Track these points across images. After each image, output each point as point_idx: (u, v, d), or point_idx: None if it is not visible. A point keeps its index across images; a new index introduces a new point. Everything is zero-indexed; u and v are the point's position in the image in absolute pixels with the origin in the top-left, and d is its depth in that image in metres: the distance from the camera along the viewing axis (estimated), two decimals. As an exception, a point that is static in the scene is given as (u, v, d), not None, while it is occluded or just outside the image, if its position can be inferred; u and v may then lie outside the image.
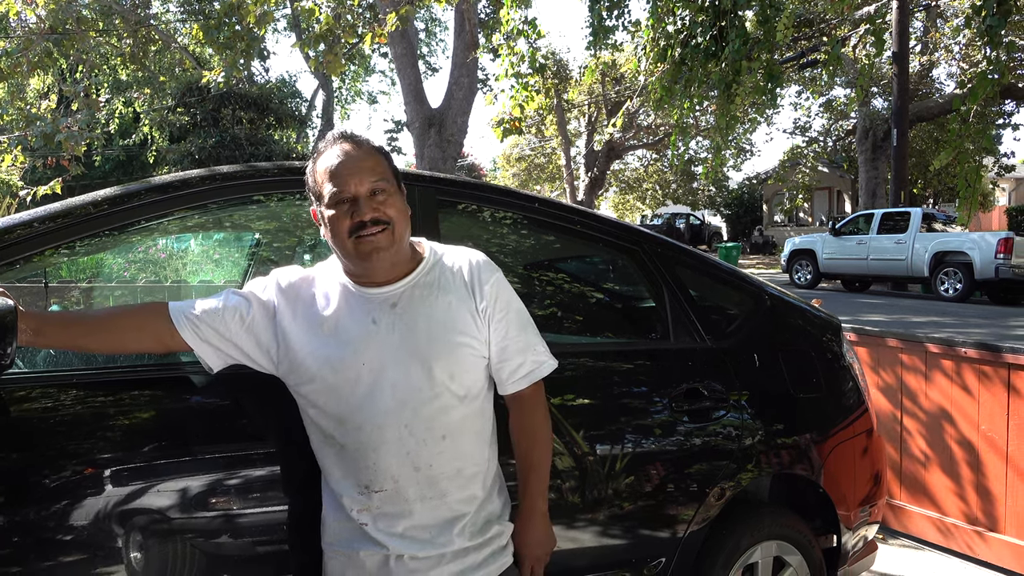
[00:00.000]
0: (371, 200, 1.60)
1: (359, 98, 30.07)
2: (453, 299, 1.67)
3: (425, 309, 1.65)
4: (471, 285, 1.69)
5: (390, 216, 1.61)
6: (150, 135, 19.32)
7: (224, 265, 3.96)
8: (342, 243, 1.61)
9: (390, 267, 1.65)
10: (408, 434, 1.61)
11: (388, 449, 1.61)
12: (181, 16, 18.69)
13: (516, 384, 1.74)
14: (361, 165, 1.62)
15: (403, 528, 1.64)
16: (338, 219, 1.60)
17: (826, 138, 31.47)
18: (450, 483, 1.65)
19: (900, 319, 11.29)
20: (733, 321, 2.71)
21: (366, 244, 1.59)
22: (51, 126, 7.50)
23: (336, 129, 1.74)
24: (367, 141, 1.69)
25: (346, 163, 1.62)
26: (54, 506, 1.62)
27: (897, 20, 17.01)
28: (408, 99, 14.76)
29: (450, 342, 1.65)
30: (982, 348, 3.85)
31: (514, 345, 1.72)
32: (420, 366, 1.62)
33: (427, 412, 1.62)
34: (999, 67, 5.75)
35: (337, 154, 1.64)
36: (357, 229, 1.59)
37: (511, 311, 1.73)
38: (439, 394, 1.63)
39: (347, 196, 1.60)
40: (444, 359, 1.63)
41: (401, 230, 1.64)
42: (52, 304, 2.72)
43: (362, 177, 1.61)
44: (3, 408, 1.65)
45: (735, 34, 6.61)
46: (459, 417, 1.66)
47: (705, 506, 2.37)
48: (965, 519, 3.90)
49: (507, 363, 1.72)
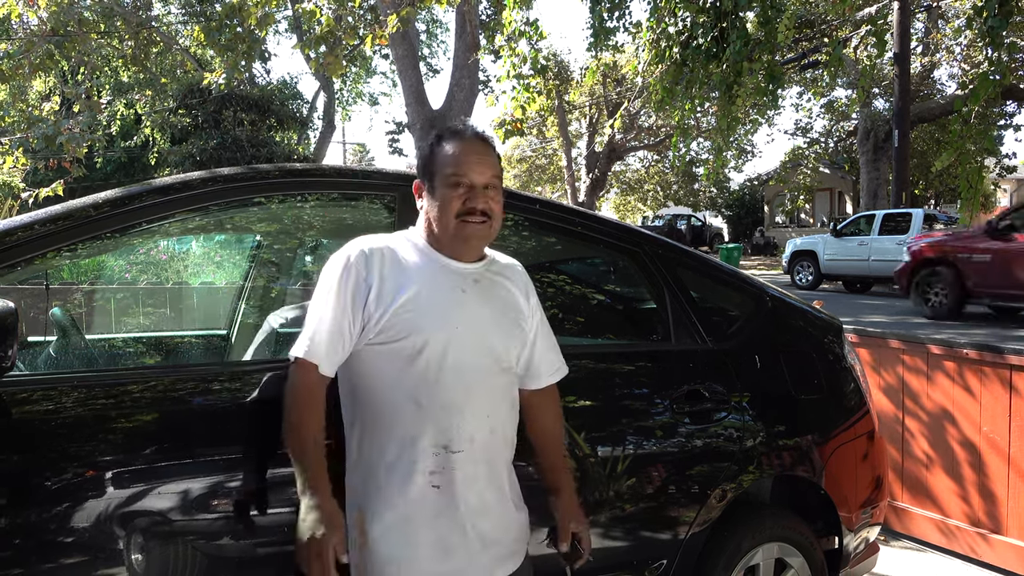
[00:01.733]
0: (485, 192, 1.75)
1: (360, 99, 30.02)
2: (518, 293, 1.88)
3: (498, 291, 1.84)
4: (523, 287, 1.91)
5: (494, 211, 1.77)
6: (152, 137, 19.33)
7: (225, 267, 3.97)
8: (447, 220, 1.74)
9: (478, 251, 1.83)
10: (489, 398, 1.76)
11: (473, 410, 1.73)
12: (182, 18, 18.70)
13: (552, 377, 1.95)
14: (486, 159, 1.78)
15: (475, 494, 1.72)
16: (452, 199, 1.74)
17: (827, 139, 31.44)
18: (504, 450, 1.81)
19: (901, 320, 11.27)
20: (734, 323, 2.70)
21: (468, 229, 1.74)
22: (53, 128, 7.50)
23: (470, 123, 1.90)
24: (492, 140, 1.86)
25: (475, 153, 1.77)
26: (55, 508, 1.62)
27: (898, 21, 17.00)
28: (409, 100, 14.76)
29: (517, 322, 1.84)
30: (984, 349, 3.84)
31: (548, 343, 1.95)
32: (498, 337, 1.79)
33: (503, 380, 1.80)
34: (1000, 68, 5.75)
35: (469, 142, 1.79)
36: (466, 213, 1.73)
37: (544, 319, 1.96)
38: (508, 367, 1.82)
39: (467, 182, 1.74)
40: (512, 336, 1.83)
41: (497, 225, 1.80)
42: (54, 306, 2.72)
43: (485, 169, 1.76)
44: (4, 410, 1.65)
45: (736, 35, 6.61)
46: (514, 391, 1.86)
47: (706, 508, 2.37)
48: (967, 521, 3.89)
49: (545, 357, 1.93)
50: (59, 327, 2.59)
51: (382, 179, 2.29)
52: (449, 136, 1.81)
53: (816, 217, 34.72)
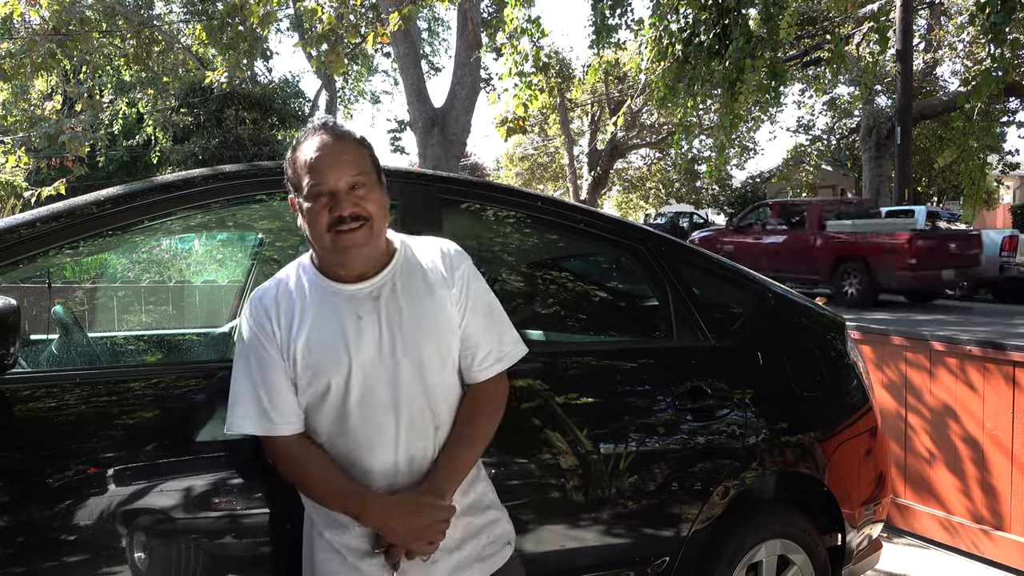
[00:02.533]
0: (350, 195, 1.56)
1: (362, 98, 30.06)
2: (434, 289, 1.66)
3: (408, 299, 1.63)
4: (446, 273, 1.68)
5: (369, 212, 1.57)
6: (154, 136, 19.35)
7: (227, 264, 3.97)
8: (320, 237, 1.57)
9: (366, 262, 1.61)
10: (404, 429, 1.59)
11: (384, 447, 1.59)
12: (184, 17, 18.69)
13: (481, 373, 1.70)
14: (341, 158, 1.58)
15: None
16: (316, 212, 1.56)
17: (830, 136, 31.40)
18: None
19: (904, 317, 11.26)
20: (737, 319, 2.70)
21: (344, 240, 1.55)
22: (55, 127, 7.51)
23: (317, 117, 1.69)
24: (348, 132, 1.64)
25: (326, 155, 1.58)
26: (58, 505, 1.62)
27: (901, 18, 16.96)
28: (411, 99, 14.75)
29: (437, 334, 1.63)
30: (987, 346, 3.84)
31: (483, 333, 1.70)
32: (410, 360, 1.60)
33: (420, 406, 1.61)
34: (1003, 65, 5.73)
35: (317, 145, 1.59)
36: (335, 224, 1.55)
37: (480, 299, 1.72)
38: (432, 385, 1.62)
39: (326, 190, 1.56)
40: (435, 348, 1.63)
41: (380, 226, 1.61)
42: (56, 304, 2.72)
43: (341, 171, 1.57)
44: (7, 407, 1.65)
45: (738, 32, 6.59)
46: (447, 407, 1.66)
47: (709, 505, 2.37)
48: (971, 517, 3.89)
49: (474, 352, 1.69)
50: (61, 325, 2.59)
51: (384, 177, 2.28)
52: (301, 143, 1.63)
53: (818, 214, 34.60)
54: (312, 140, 1.61)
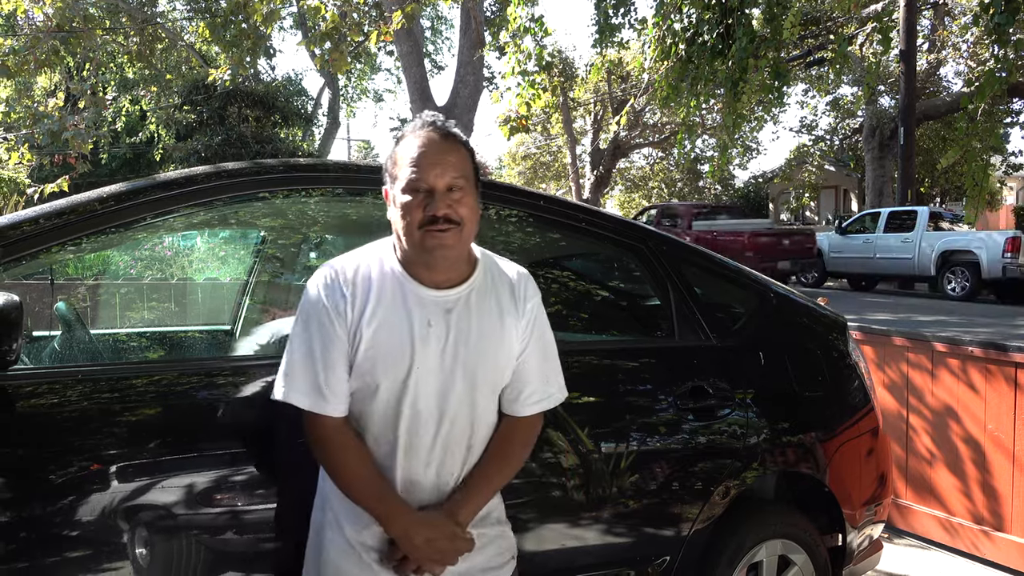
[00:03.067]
0: (447, 196, 1.55)
1: (365, 96, 30.05)
2: (504, 316, 1.66)
3: (478, 321, 1.62)
4: (519, 303, 1.68)
5: (462, 216, 1.56)
6: (156, 133, 19.38)
7: (229, 262, 3.97)
8: (410, 233, 1.56)
9: (450, 267, 1.61)
10: (440, 445, 1.60)
11: (416, 458, 1.60)
12: (187, 14, 18.70)
13: (525, 409, 1.70)
14: (445, 158, 1.57)
15: None
16: (411, 208, 1.55)
17: (833, 137, 31.36)
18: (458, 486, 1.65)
19: (906, 318, 11.25)
20: (738, 319, 2.70)
21: (433, 239, 1.54)
22: (58, 124, 7.52)
23: (427, 113, 1.66)
24: (456, 134, 1.63)
25: (430, 152, 1.57)
26: (60, 502, 1.62)
27: (904, 18, 16.94)
28: (414, 97, 14.75)
29: (497, 360, 1.64)
30: (989, 347, 3.83)
31: (535, 371, 1.71)
32: (466, 378, 1.60)
33: (461, 426, 1.62)
34: (1007, 65, 5.73)
35: (423, 141, 1.58)
36: (428, 223, 1.54)
37: (543, 337, 1.73)
38: (477, 409, 1.63)
39: (424, 187, 1.55)
40: (491, 375, 1.63)
41: (469, 231, 1.60)
42: (58, 301, 2.72)
43: (443, 170, 1.56)
44: (10, 404, 1.65)
45: (742, 32, 6.59)
46: (486, 431, 1.67)
47: (710, 504, 2.37)
48: (971, 518, 3.89)
49: (522, 387, 1.70)
50: (64, 321, 2.59)
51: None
52: (408, 135, 1.62)
53: (821, 215, 34.65)
54: (419, 135, 1.60)
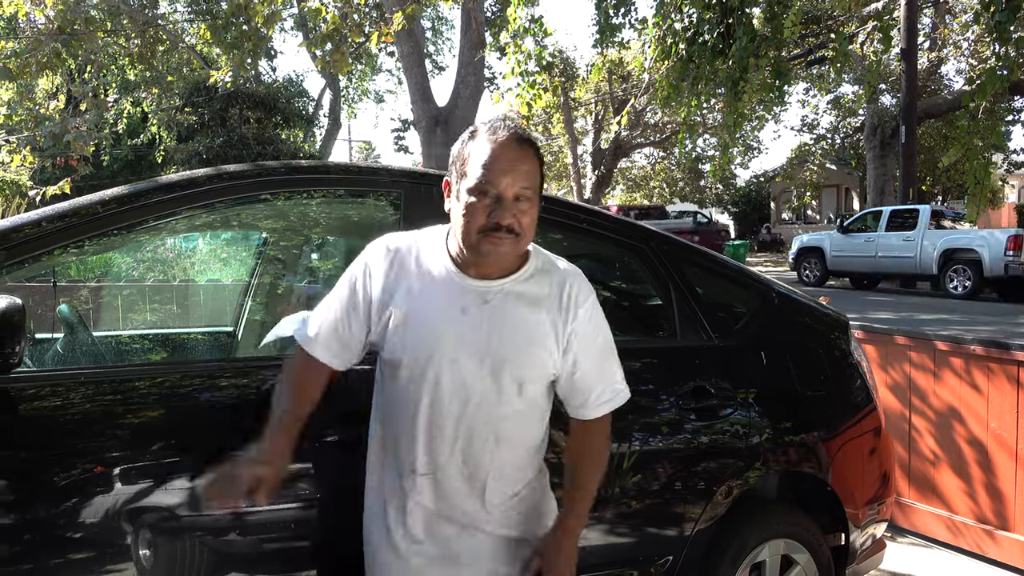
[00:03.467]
0: (514, 205, 1.56)
1: (366, 97, 30.07)
2: (543, 312, 1.64)
3: (514, 315, 1.63)
4: (565, 303, 1.66)
5: (523, 227, 1.58)
6: (158, 135, 19.38)
7: (231, 264, 3.98)
8: (468, 232, 1.57)
9: (499, 269, 1.63)
10: (466, 429, 1.62)
11: (444, 437, 1.62)
12: (189, 16, 18.71)
13: (594, 411, 1.72)
14: (520, 166, 1.57)
15: (430, 520, 1.65)
16: (476, 209, 1.56)
17: (834, 135, 31.37)
18: (492, 486, 1.66)
19: (908, 316, 11.24)
20: (740, 319, 2.70)
21: (490, 244, 1.56)
22: (60, 126, 7.53)
23: (510, 120, 1.67)
24: (534, 143, 1.64)
25: (507, 158, 1.57)
26: (63, 503, 1.62)
27: (905, 16, 16.93)
28: (415, 98, 14.75)
29: (529, 354, 1.63)
30: (991, 346, 3.83)
31: (597, 372, 1.71)
32: (492, 369, 1.61)
33: (486, 414, 1.62)
34: (1008, 63, 5.72)
35: (502, 144, 1.58)
36: (491, 229, 1.55)
37: (600, 337, 1.72)
38: (502, 400, 1.63)
39: (494, 192, 1.55)
40: (518, 369, 1.62)
41: (526, 242, 1.62)
42: (61, 303, 2.73)
43: (516, 179, 1.56)
44: (13, 406, 1.65)
45: (742, 31, 6.59)
46: (515, 426, 1.66)
47: (712, 504, 2.37)
48: (974, 517, 3.88)
49: (588, 390, 1.70)
50: (66, 324, 2.60)
51: (388, 176, 2.29)
52: (484, 134, 1.61)
53: (823, 213, 34.63)
54: (497, 136, 1.59)
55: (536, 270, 1.68)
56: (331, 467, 1.90)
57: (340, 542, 1.84)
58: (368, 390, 1.76)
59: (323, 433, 1.91)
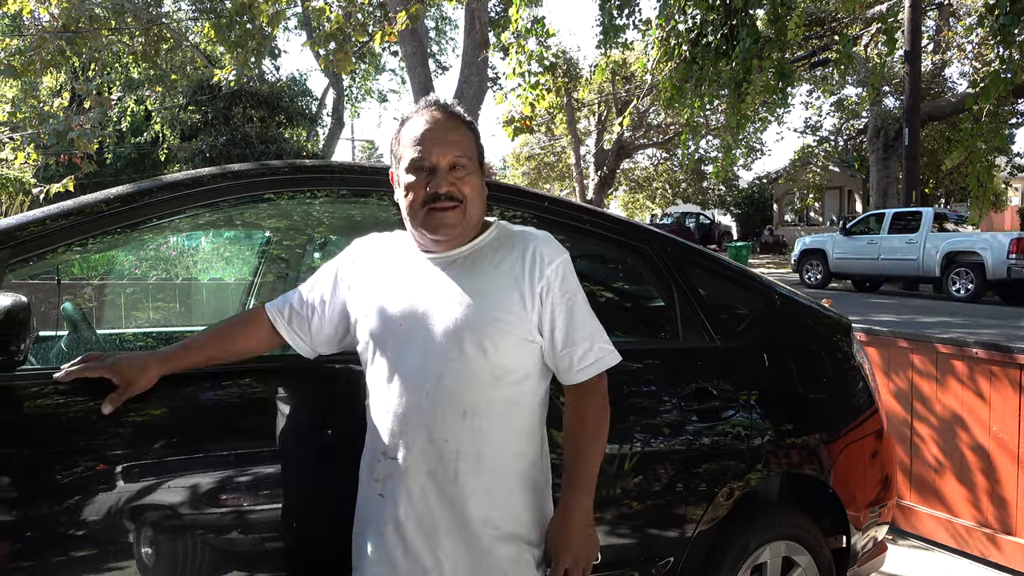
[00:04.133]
0: (450, 174, 1.58)
1: (369, 96, 30.13)
2: (504, 273, 1.61)
3: (475, 279, 1.61)
4: (529, 263, 1.62)
5: (464, 194, 1.59)
6: (162, 133, 19.41)
7: (235, 263, 3.98)
8: (413, 211, 1.60)
9: (454, 242, 1.64)
10: (429, 402, 1.56)
11: (407, 416, 1.57)
12: (193, 15, 18.73)
13: (582, 373, 1.65)
14: (448, 136, 1.59)
15: (406, 506, 1.57)
16: (414, 186, 1.59)
17: (837, 137, 31.33)
18: (465, 468, 1.56)
19: (910, 319, 11.23)
20: (743, 321, 2.70)
21: (436, 218, 1.58)
22: (64, 124, 7.54)
23: (432, 94, 1.70)
24: (459, 114, 1.65)
25: (432, 131, 1.59)
26: (66, 501, 1.63)
27: (909, 19, 16.92)
28: (418, 97, 14.73)
29: (485, 315, 1.57)
30: (994, 349, 3.83)
31: (579, 332, 1.64)
32: (452, 333, 1.57)
33: (450, 383, 1.56)
34: (1012, 66, 5.72)
35: (426, 120, 1.61)
36: (431, 200, 1.57)
37: (575, 297, 1.66)
38: (467, 367, 1.56)
39: (427, 165, 1.58)
40: (475, 332, 1.56)
41: (473, 210, 1.62)
42: (65, 301, 2.73)
43: (445, 149, 1.58)
44: (17, 404, 1.66)
45: (746, 33, 6.59)
46: (487, 399, 1.58)
47: (714, 506, 2.37)
48: (976, 521, 3.88)
49: (572, 349, 1.64)
50: (70, 322, 2.60)
51: (390, 176, 2.29)
52: (410, 114, 1.65)
53: (825, 215, 34.60)
54: (422, 115, 1.63)
55: (497, 236, 1.68)
56: (332, 467, 1.90)
57: (343, 542, 1.84)
58: None
59: (323, 432, 1.91)
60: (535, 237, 1.67)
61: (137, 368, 1.67)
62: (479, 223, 1.68)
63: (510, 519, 1.61)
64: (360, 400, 1.74)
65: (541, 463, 1.70)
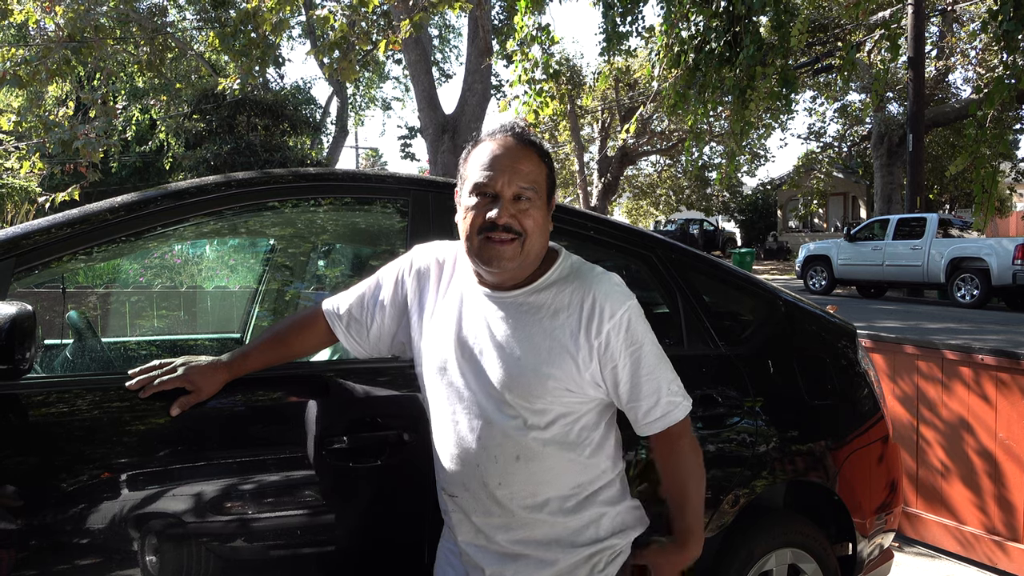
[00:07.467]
0: (513, 204, 1.50)
1: (373, 104, 30.21)
2: (560, 327, 1.53)
3: (529, 328, 1.54)
4: (587, 317, 1.53)
5: (525, 228, 1.51)
6: (166, 142, 19.48)
7: (239, 271, 3.99)
8: (470, 237, 1.52)
9: (509, 277, 1.56)
10: (481, 447, 1.54)
11: (461, 458, 1.57)
12: (197, 24, 18.82)
13: (648, 427, 1.61)
14: (516, 165, 1.52)
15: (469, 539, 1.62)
16: (474, 210, 1.51)
17: (841, 143, 31.32)
18: (522, 507, 1.55)
19: (915, 325, 11.21)
20: (747, 327, 2.69)
21: (491, 249, 1.50)
22: (69, 133, 7.57)
23: (510, 121, 1.62)
24: (535, 143, 1.58)
25: (502, 157, 1.52)
26: (71, 509, 1.63)
27: (913, 25, 16.92)
28: (422, 105, 14.82)
29: (537, 372, 1.51)
30: (1000, 355, 3.81)
31: (644, 387, 1.57)
32: (502, 382, 1.53)
33: (500, 429, 1.53)
34: (1016, 72, 5.72)
35: (498, 144, 1.54)
36: (488, 228, 1.49)
37: (641, 349, 1.57)
38: (518, 415, 1.53)
39: (490, 191, 1.51)
40: (522, 387, 1.51)
41: (532, 245, 1.53)
42: (70, 309, 2.74)
43: (512, 177, 1.50)
44: (23, 412, 1.66)
45: (749, 39, 6.60)
46: (541, 441, 1.54)
47: (719, 513, 2.36)
48: (983, 528, 3.86)
49: (637, 405, 1.58)
50: (75, 330, 2.61)
51: (395, 183, 2.30)
52: (485, 137, 1.58)
53: (830, 222, 34.58)
54: (495, 138, 1.56)
55: (558, 279, 1.58)
56: (340, 475, 1.90)
57: (350, 549, 1.84)
58: None
59: (324, 441, 1.91)
60: (598, 284, 1.57)
61: (208, 376, 1.73)
62: (539, 258, 1.58)
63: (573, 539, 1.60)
64: (366, 409, 1.74)
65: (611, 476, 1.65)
